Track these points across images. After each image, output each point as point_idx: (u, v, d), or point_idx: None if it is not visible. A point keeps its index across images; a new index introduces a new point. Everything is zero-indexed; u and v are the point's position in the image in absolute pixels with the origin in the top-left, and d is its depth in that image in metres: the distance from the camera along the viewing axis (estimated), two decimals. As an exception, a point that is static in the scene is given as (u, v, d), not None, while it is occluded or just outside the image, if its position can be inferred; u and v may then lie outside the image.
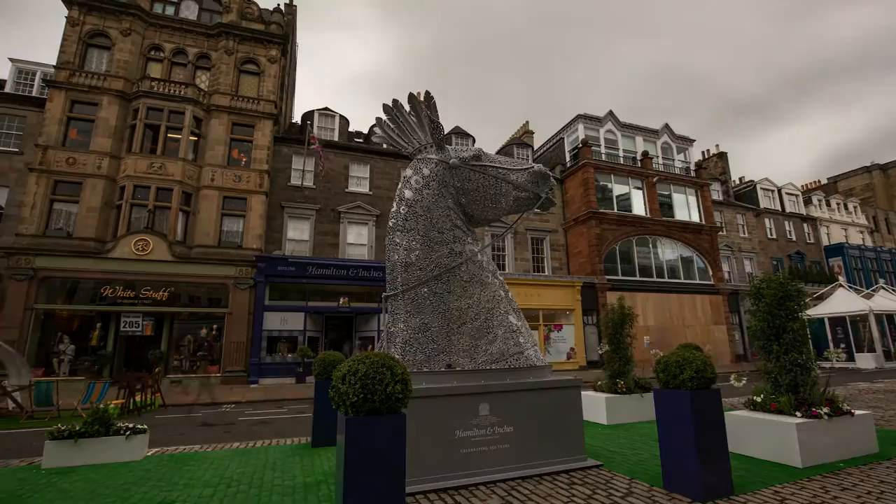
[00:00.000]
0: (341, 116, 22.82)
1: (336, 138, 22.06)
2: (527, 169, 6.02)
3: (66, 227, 16.69)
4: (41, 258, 15.75)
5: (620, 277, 23.64)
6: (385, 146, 22.62)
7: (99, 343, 16.37)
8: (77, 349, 15.88)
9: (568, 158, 26.56)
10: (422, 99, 5.81)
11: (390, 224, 5.58)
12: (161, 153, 17.60)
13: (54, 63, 18.05)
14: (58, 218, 16.78)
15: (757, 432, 5.41)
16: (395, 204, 5.64)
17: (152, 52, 19.31)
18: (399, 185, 5.76)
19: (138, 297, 16.55)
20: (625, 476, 4.82)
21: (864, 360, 20.62)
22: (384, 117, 6.08)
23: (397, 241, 5.45)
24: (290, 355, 17.84)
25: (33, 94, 19.51)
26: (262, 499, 4.33)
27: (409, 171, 5.76)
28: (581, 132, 25.72)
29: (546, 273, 23.87)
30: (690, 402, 4.17)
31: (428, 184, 5.59)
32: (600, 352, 9.01)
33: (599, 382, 8.61)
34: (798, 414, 5.28)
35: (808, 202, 35.12)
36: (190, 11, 20.41)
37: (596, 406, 7.97)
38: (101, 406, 5.91)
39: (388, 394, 3.08)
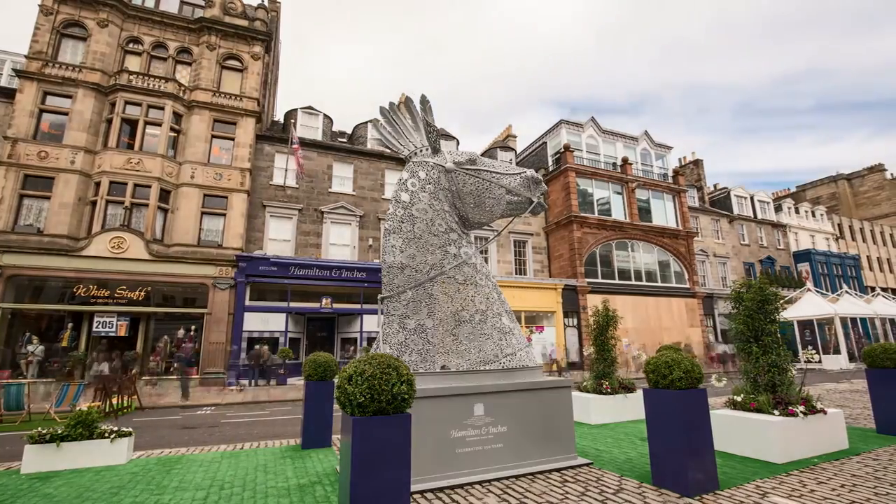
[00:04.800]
0: (325, 115, 22.63)
1: (319, 137, 21.86)
2: (520, 174, 6.13)
3: (36, 224, 16.06)
4: (9, 255, 15.12)
5: (600, 280, 24.09)
6: (370, 147, 22.59)
7: (70, 344, 15.78)
8: (47, 350, 15.29)
9: (550, 163, 26.95)
10: (418, 102, 5.86)
11: (386, 226, 5.61)
12: (139, 149, 17.12)
13: (25, 52, 17.38)
14: (27, 213, 16.13)
15: (738, 430, 5.64)
16: (391, 206, 5.67)
17: (131, 45, 18.77)
18: (395, 188, 5.80)
19: (113, 297, 16.04)
20: (614, 473, 4.96)
21: (830, 362, 21.54)
22: (381, 119, 6.11)
23: (393, 243, 5.47)
24: (271, 356, 17.54)
25: (2, 84, 18.76)
26: (257, 501, 4.30)
27: (405, 174, 5.79)
28: (563, 137, 26.14)
29: (528, 275, 24.15)
30: (679, 402, 4.33)
31: (424, 187, 5.64)
32: (585, 353, 9.19)
33: (585, 383, 8.79)
34: (776, 413, 5.52)
35: (778, 209, 36.48)
36: (171, 4, 19.93)
37: (582, 406, 8.14)
38: (85, 408, 5.75)
39: (395, 394, 3.11)
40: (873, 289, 34.04)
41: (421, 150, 5.95)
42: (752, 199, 35.21)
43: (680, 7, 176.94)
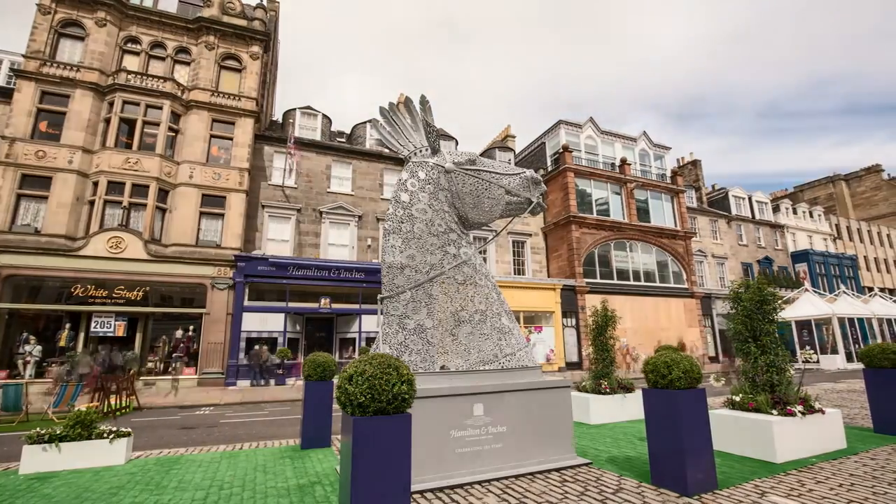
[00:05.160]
0: (324, 115, 22.62)
1: (318, 137, 21.84)
2: (519, 174, 6.14)
3: (33, 223, 16.02)
4: (6, 255, 15.06)
5: (599, 280, 24.12)
6: (369, 147, 22.58)
7: (68, 344, 15.73)
8: (44, 350, 15.25)
9: (549, 163, 26.98)
10: (417, 102, 5.87)
11: (386, 226, 5.61)
12: (137, 148, 17.08)
13: (23, 52, 17.35)
14: (25, 213, 16.08)
15: (737, 430, 5.66)
16: (391, 206, 5.67)
17: (129, 45, 18.72)
18: (395, 189, 5.80)
19: (111, 297, 15.99)
20: (613, 473, 4.97)
21: (828, 362, 21.61)
22: (380, 119, 6.11)
23: (393, 243, 5.48)
24: (269, 357, 17.52)
25: (-1, 83, 18.71)
26: (257, 501, 4.30)
27: (404, 175, 5.80)
28: (562, 137, 26.17)
29: (527, 276, 24.16)
30: (678, 401, 4.34)
31: (424, 187, 5.64)
32: (584, 353, 9.20)
33: (583, 383, 8.80)
34: (774, 412, 5.54)
35: (776, 210, 36.57)
36: (169, 4, 19.90)
37: (581, 406, 8.15)
38: (84, 409, 5.74)
39: (395, 394, 3.12)
40: (871, 289, 34.18)
41: (420, 151, 5.95)
42: (749, 199, 35.28)
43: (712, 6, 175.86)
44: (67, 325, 15.79)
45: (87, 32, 17.92)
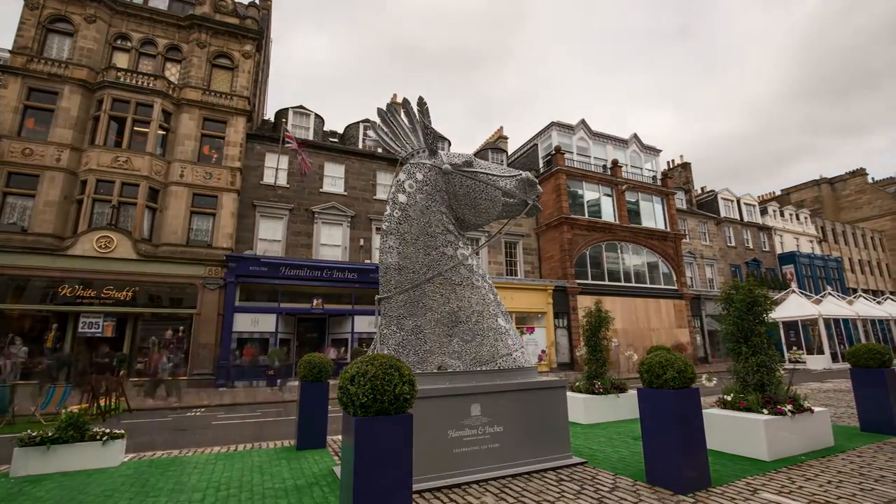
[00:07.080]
0: (316, 115, 22.52)
1: (311, 137, 21.74)
2: (515, 176, 6.19)
3: (20, 222, 15.75)
4: (-8, 254, 14.82)
5: (590, 281, 24.30)
6: (362, 147, 22.54)
7: (55, 345, 15.49)
8: (30, 351, 14.97)
9: (541, 164, 27.13)
10: (415, 104, 5.89)
11: (384, 227, 5.63)
12: (127, 147, 16.87)
13: (9, 47, 17.06)
14: (11, 212, 15.80)
15: (728, 429, 5.76)
16: (388, 207, 5.69)
17: (119, 42, 18.50)
18: (392, 189, 5.81)
19: (99, 297, 15.77)
20: (609, 472, 5.03)
21: (815, 362, 22.00)
22: (378, 121, 6.13)
23: (390, 244, 5.49)
24: (260, 357, 17.42)
25: (-15, 79, 18.34)
26: (255, 502, 4.29)
27: (402, 176, 5.81)
28: (554, 139, 26.33)
29: (519, 276, 24.27)
30: (673, 400, 4.41)
31: (421, 188, 5.66)
32: (577, 354, 9.29)
33: (577, 383, 8.87)
34: (765, 411, 5.65)
35: (764, 212, 37.12)
36: (160, 0, 19.70)
37: (575, 406, 8.20)
38: (75, 410, 5.66)
39: (397, 394, 3.14)
40: (855, 290, 34.86)
41: (418, 152, 5.97)
42: (738, 201, 35.78)
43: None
44: (54, 326, 15.54)
45: (76, 28, 17.67)
